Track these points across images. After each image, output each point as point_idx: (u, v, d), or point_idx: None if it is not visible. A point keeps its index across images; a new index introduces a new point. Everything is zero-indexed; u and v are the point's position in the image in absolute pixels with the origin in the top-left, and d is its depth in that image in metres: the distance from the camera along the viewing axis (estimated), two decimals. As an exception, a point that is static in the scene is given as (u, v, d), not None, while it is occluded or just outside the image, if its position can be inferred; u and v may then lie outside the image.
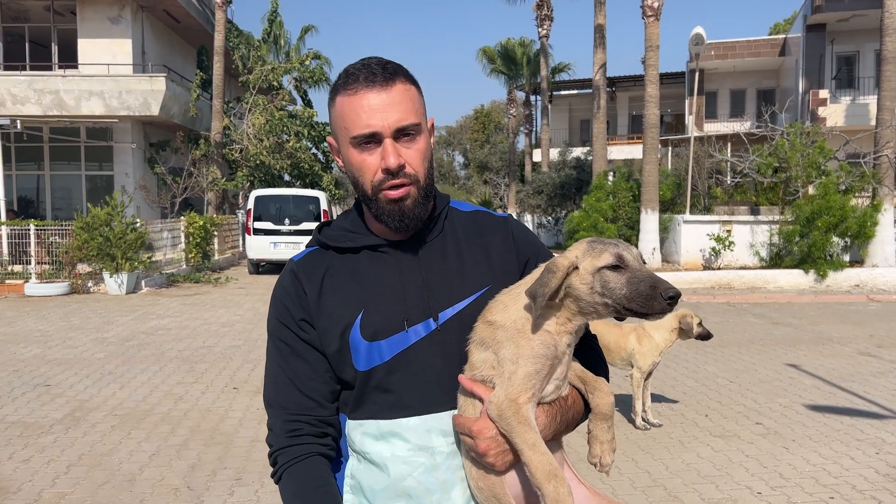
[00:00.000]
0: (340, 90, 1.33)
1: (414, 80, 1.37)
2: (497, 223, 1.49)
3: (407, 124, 1.31)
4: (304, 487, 1.32)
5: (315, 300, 1.37)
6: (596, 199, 15.14)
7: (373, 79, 1.30)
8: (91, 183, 20.28)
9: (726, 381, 6.58)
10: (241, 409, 5.66)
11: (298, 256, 1.45)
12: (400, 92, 1.32)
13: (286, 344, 1.38)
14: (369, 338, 1.33)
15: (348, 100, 1.31)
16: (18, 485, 4.14)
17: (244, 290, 13.54)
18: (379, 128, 1.29)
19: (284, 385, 1.37)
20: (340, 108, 1.32)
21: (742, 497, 3.98)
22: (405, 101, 1.32)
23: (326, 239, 1.42)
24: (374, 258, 1.39)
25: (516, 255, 1.44)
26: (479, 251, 1.43)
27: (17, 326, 9.32)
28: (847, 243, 13.58)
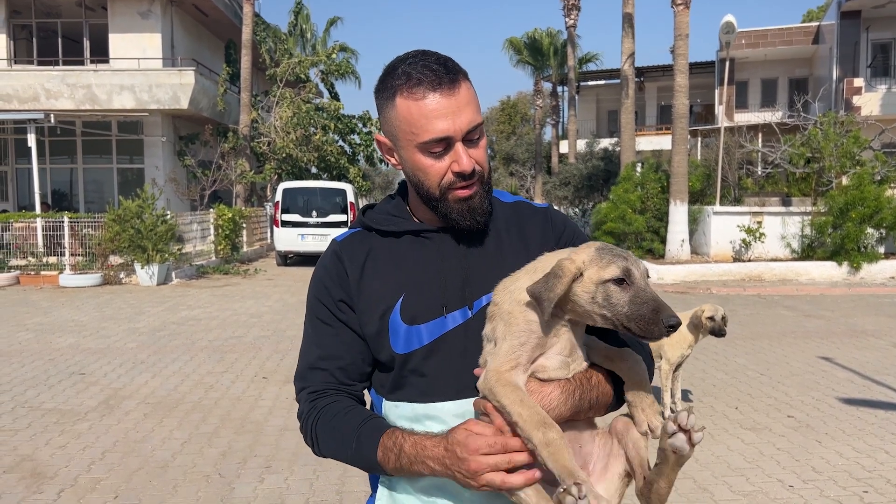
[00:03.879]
0: (402, 92, 1.30)
1: (467, 75, 1.35)
2: (537, 214, 1.50)
3: (476, 125, 1.32)
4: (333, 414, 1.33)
5: (356, 281, 1.38)
6: (624, 191, 15.00)
7: (439, 82, 1.28)
8: (122, 176, 20.62)
9: (757, 373, 6.49)
10: (271, 399, 5.73)
11: (342, 237, 1.46)
12: (465, 92, 1.31)
13: (322, 322, 1.39)
14: (409, 321, 1.34)
15: (416, 105, 1.28)
16: (55, 470, 4.24)
17: (272, 281, 13.68)
18: (451, 132, 1.29)
19: (316, 361, 1.39)
20: (405, 112, 1.29)
21: (773, 490, 3.93)
22: (472, 102, 1.32)
23: (370, 221, 1.43)
24: (416, 243, 1.39)
25: (555, 245, 1.43)
26: (519, 241, 1.44)
27: (52, 316, 9.52)
28: (882, 235, 13.29)
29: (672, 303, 10.56)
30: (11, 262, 13.17)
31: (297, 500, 3.83)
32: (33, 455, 4.48)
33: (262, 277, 14.31)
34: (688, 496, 3.86)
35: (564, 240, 1.46)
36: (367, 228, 1.44)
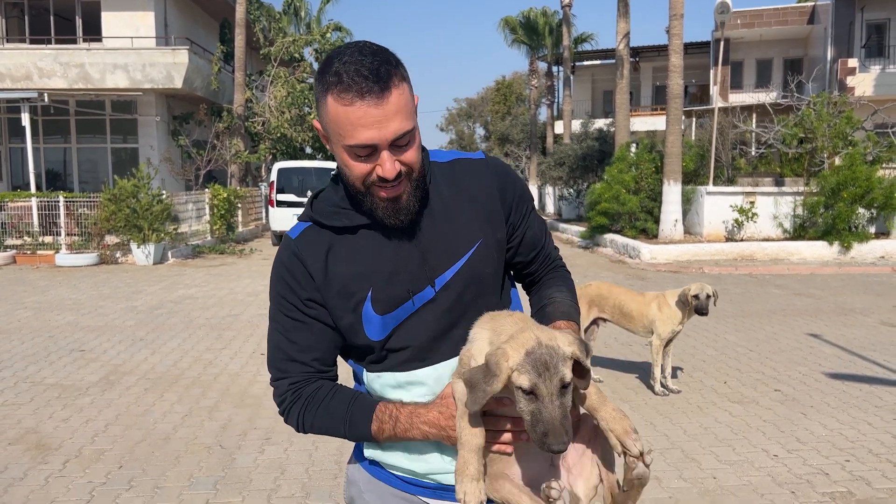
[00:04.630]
0: (332, 92, 1.28)
1: (403, 74, 1.33)
2: (477, 168, 1.50)
3: (404, 132, 1.30)
4: (322, 397, 1.42)
5: (322, 280, 1.41)
6: (618, 171, 15.06)
7: (368, 90, 1.26)
8: (116, 156, 20.55)
9: (746, 349, 6.62)
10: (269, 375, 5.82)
11: (295, 233, 1.46)
12: (396, 99, 1.28)
13: (290, 318, 1.43)
14: (381, 312, 1.40)
15: (342, 109, 1.27)
16: (59, 442, 4.34)
17: (268, 261, 13.74)
18: (377, 140, 1.29)
19: (289, 352, 1.44)
20: (334, 113, 1.29)
21: (758, 459, 4.06)
22: (401, 109, 1.30)
23: (321, 217, 1.43)
24: (370, 234, 1.42)
25: (500, 199, 1.49)
26: (466, 204, 1.46)
27: (50, 295, 9.59)
28: (873, 215, 13.42)
29: (664, 282, 10.69)
30: (7, 242, 13.19)
31: (298, 469, 3.94)
32: (37, 428, 4.58)
33: (257, 257, 14.37)
34: (676, 465, 3.98)
35: (508, 193, 1.50)
36: (318, 224, 1.44)
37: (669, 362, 5.41)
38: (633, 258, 13.25)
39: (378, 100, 1.26)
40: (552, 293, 1.56)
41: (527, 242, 1.56)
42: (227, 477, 3.84)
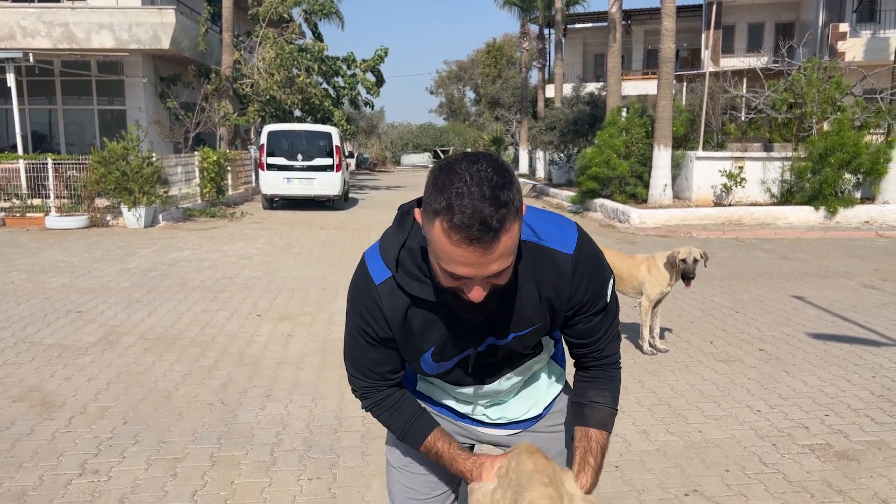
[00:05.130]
0: (442, 221, 1.27)
1: (518, 207, 1.30)
2: (562, 266, 1.50)
3: (501, 269, 1.33)
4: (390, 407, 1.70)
5: (397, 330, 1.56)
6: (609, 136, 15.09)
7: (478, 239, 1.26)
8: (103, 117, 20.30)
9: (732, 311, 6.78)
10: (266, 335, 5.93)
11: (378, 278, 1.52)
12: (503, 245, 1.29)
13: (368, 344, 1.60)
14: (437, 360, 1.62)
15: (447, 243, 1.28)
16: (63, 399, 4.43)
17: (260, 224, 13.76)
18: (473, 276, 1.32)
19: (364, 364, 1.65)
20: (438, 239, 1.29)
21: (741, 414, 4.23)
22: (505, 252, 1.30)
23: (404, 283, 1.50)
24: (446, 311, 1.52)
25: (568, 298, 1.53)
26: (535, 291, 1.51)
27: (42, 257, 9.60)
28: (859, 180, 13.58)
29: (653, 246, 10.83)
30: (-5, 205, 13.12)
31: (298, 424, 4.06)
32: (40, 386, 4.67)
33: (248, 220, 14.38)
34: (663, 420, 4.14)
35: (578, 296, 1.53)
36: (399, 286, 1.51)
37: (658, 323, 5.55)
38: (622, 223, 13.37)
39: (485, 249, 1.27)
40: (595, 397, 1.66)
41: (579, 332, 1.62)
42: (229, 432, 3.96)
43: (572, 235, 1.52)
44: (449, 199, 1.26)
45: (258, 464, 3.58)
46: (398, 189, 24.49)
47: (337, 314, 6.65)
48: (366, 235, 12.15)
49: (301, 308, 6.88)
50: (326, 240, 11.64)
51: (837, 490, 3.31)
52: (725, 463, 3.59)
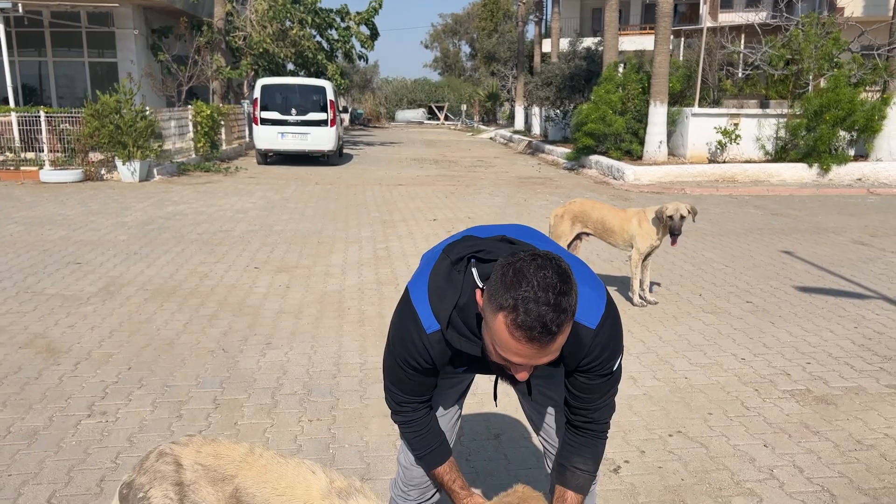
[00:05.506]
0: (506, 318, 1.41)
1: (573, 309, 1.44)
2: (583, 337, 1.65)
3: (551, 360, 1.50)
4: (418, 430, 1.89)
5: (442, 364, 1.75)
6: (605, 91, 15.02)
7: (538, 339, 1.41)
8: (94, 70, 20.05)
9: (722, 265, 6.91)
10: (265, 286, 6.04)
11: (430, 330, 1.68)
12: (558, 343, 1.45)
13: (410, 371, 1.77)
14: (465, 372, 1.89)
15: (508, 336, 1.42)
16: (68, 346, 4.55)
17: (254, 179, 13.76)
18: (523, 364, 1.49)
19: (404, 383, 1.81)
20: (499, 330, 1.43)
21: (726, 362, 4.38)
22: (558, 348, 1.47)
23: (453, 342, 1.66)
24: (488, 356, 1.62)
25: (580, 359, 1.68)
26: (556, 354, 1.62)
27: (38, 210, 9.63)
28: (853, 137, 13.61)
29: (647, 202, 10.92)
30: (-11, 158, 13.06)
31: (298, 370, 4.19)
32: (45, 333, 4.77)
33: (243, 175, 14.37)
34: (650, 367, 4.29)
35: (587, 360, 1.68)
36: (447, 341, 1.66)
37: (648, 276, 5.67)
38: (617, 179, 13.43)
39: (542, 347, 1.43)
40: (578, 463, 1.83)
41: (578, 386, 1.76)
42: (231, 377, 4.09)
43: (600, 309, 1.67)
44: (516, 300, 1.40)
45: (260, 406, 3.71)
46: (393, 145, 24.39)
47: (333, 267, 6.75)
48: (360, 192, 12.19)
49: (298, 261, 6.97)
50: (322, 195, 11.67)
51: (814, 431, 3.47)
52: (709, 406, 3.75)
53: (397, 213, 9.80)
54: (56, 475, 3.02)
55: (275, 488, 1.72)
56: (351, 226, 8.91)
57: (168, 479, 1.79)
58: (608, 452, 3.23)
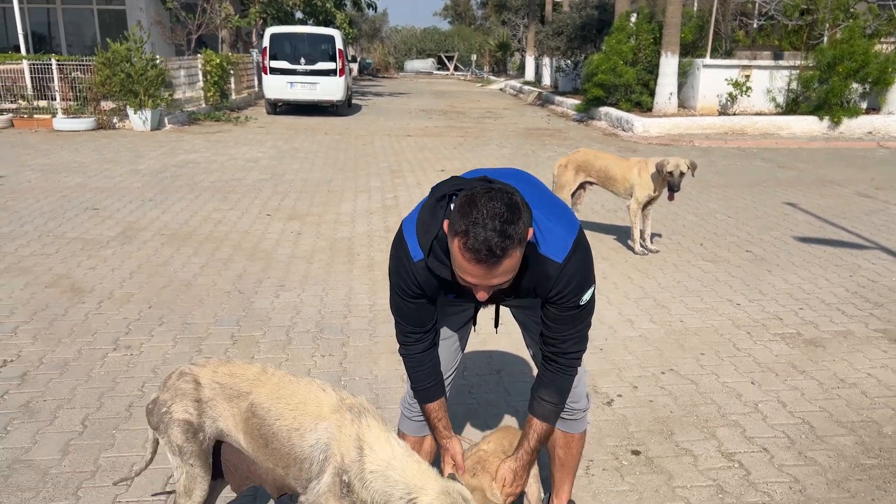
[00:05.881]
0: (458, 241, 1.60)
1: (521, 237, 1.61)
2: (551, 271, 1.82)
3: (502, 282, 1.67)
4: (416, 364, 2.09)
5: (430, 291, 1.92)
6: (616, 42, 14.87)
7: (485, 260, 1.59)
8: (102, 18, 19.97)
9: (725, 216, 7.02)
10: (277, 232, 6.22)
11: (415, 256, 1.86)
12: (505, 265, 1.62)
13: (405, 299, 1.96)
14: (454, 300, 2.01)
15: (461, 258, 1.62)
16: (91, 286, 4.76)
17: (264, 129, 13.84)
18: (477, 284, 1.67)
19: (408, 317, 2.01)
20: (454, 251, 1.64)
21: (721, 307, 4.54)
22: (507, 270, 1.64)
23: (433, 266, 1.84)
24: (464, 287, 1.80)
25: (547, 291, 1.86)
26: (530, 283, 1.86)
27: (53, 158, 9.79)
28: (866, 90, 13.50)
29: (654, 155, 10.96)
30: (2, 106, 13.17)
31: (311, 310, 4.40)
32: (68, 274, 4.99)
33: (253, 125, 14.44)
34: (648, 311, 4.46)
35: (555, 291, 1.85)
36: (429, 269, 1.85)
37: (649, 226, 5.81)
38: (626, 131, 13.42)
39: (489, 267, 1.62)
40: (544, 395, 2.02)
41: (550, 316, 1.93)
42: (247, 316, 4.29)
43: (567, 246, 1.83)
44: (467, 226, 1.59)
45: (275, 342, 3.92)
46: (402, 96, 24.27)
47: (343, 215, 6.91)
48: (370, 142, 12.27)
49: (308, 209, 7.14)
50: (331, 145, 11.77)
51: (800, 370, 3.66)
52: (701, 347, 3.93)
53: (405, 164, 9.91)
54: (88, 401, 3.25)
55: (288, 403, 1.91)
56: (360, 175, 9.03)
57: (188, 395, 1.98)
58: (602, 387, 3.43)
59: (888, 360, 3.79)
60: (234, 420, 1.97)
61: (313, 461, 1.82)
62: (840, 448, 2.94)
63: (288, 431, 1.87)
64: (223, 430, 1.99)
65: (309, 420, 1.85)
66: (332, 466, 1.77)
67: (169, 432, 1.98)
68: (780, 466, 2.80)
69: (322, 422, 1.84)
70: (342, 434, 1.79)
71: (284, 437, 1.87)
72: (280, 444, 1.88)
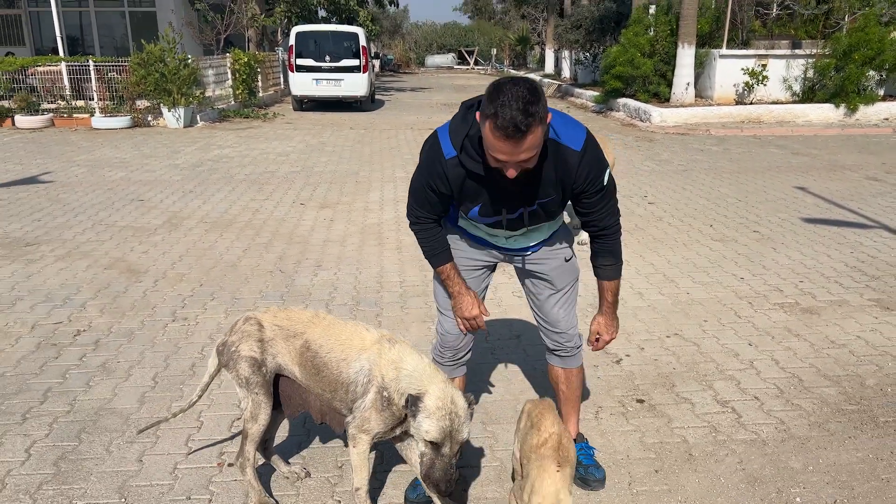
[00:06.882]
0: (490, 122, 1.91)
1: (542, 115, 1.90)
2: (571, 158, 2.14)
3: (528, 158, 1.97)
4: (427, 236, 2.41)
5: (457, 190, 2.23)
6: (634, 34, 15.12)
7: (512, 135, 1.88)
8: (133, 19, 20.60)
9: (736, 200, 7.33)
10: (311, 219, 6.65)
11: (447, 154, 2.18)
12: (529, 141, 1.91)
13: (430, 192, 2.27)
14: (482, 215, 2.30)
15: (492, 137, 1.93)
16: (146, 267, 5.22)
17: (292, 125, 14.31)
18: (507, 160, 1.98)
19: (424, 201, 2.32)
20: (486, 133, 1.95)
21: (726, 280, 4.89)
22: (532, 146, 1.94)
23: (465, 161, 2.15)
24: (492, 176, 2.15)
25: (573, 179, 2.19)
26: (553, 173, 2.17)
27: (96, 154, 10.33)
28: (882, 77, 13.62)
29: (672, 143, 11.25)
30: (43, 106, 13.79)
31: (347, 287, 4.82)
32: (123, 258, 5.46)
33: (281, 121, 14.92)
34: (657, 285, 4.82)
35: (580, 180, 2.17)
36: (461, 163, 2.16)
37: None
38: (643, 121, 13.69)
39: (517, 142, 1.92)
40: (601, 262, 2.40)
41: (584, 205, 2.30)
42: (290, 292, 4.72)
43: (582, 138, 2.16)
44: (495, 108, 1.89)
45: (316, 314, 4.34)
46: (423, 91, 24.66)
47: (372, 203, 7.33)
48: (393, 136, 12.68)
49: (339, 198, 7.56)
50: (357, 139, 12.20)
51: (795, 334, 4.00)
52: (705, 315, 4.29)
53: (429, 155, 10.28)
54: (155, 362, 3.69)
55: (337, 339, 2.32)
56: (386, 167, 9.45)
57: (253, 336, 2.40)
58: (612, 348, 3.81)
59: (878, 325, 4.11)
60: (290, 355, 2.38)
61: (358, 384, 2.23)
62: (824, 397, 3.29)
63: (337, 362, 2.28)
64: (281, 365, 2.40)
65: (354, 352, 2.26)
66: (375, 386, 2.18)
67: (237, 367, 2.39)
68: (768, 411, 3.16)
69: (364, 352, 2.24)
70: (382, 360, 2.20)
71: (334, 366, 2.28)
72: (329, 372, 2.29)
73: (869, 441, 2.91)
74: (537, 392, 3.30)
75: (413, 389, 2.11)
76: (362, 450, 2.23)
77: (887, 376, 3.48)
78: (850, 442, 2.91)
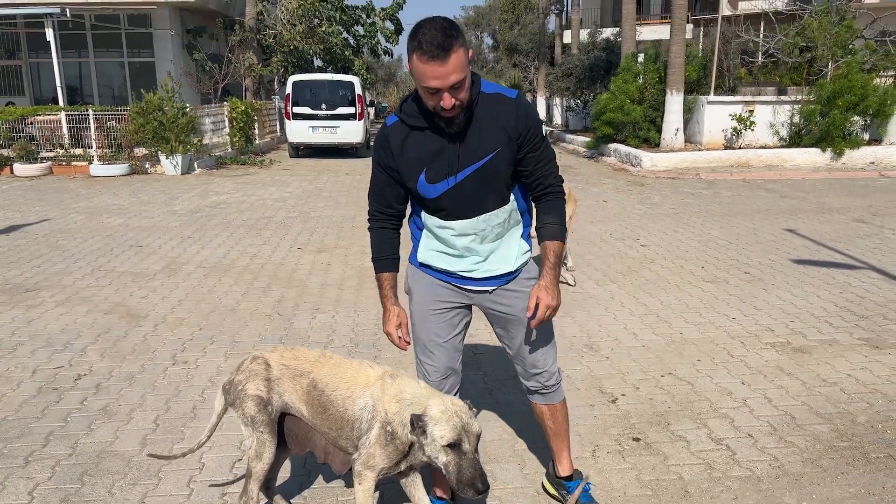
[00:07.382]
0: (414, 53, 2.05)
1: (462, 41, 2.05)
2: (508, 104, 2.27)
3: (458, 81, 2.09)
4: (379, 239, 2.54)
5: (398, 156, 2.34)
6: (623, 81, 15.51)
7: (436, 56, 2.02)
8: (132, 69, 21.00)
9: (726, 242, 7.46)
10: (309, 263, 6.73)
11: (389, 123, 2.35)
12: (454, 61, 2.04)
13: (379, 172, 2.41)
14: (430, 181, 2.33)
15: (420, 65, 2.06)
16: (146, 312, 5.28)
17: (288, 171, 14.51)
18: (440, 86, 2.08)
19: (377, 192, 2.47)
20: (415, 67, 2.08)
21: (717, 320, 4.97)
22: (458, 67, 2.06)
23: (405, 117, 2.30)
24: (430, 134, 2.29)
25: (515, 127, 2.29)
26: (494, 124, 2.26)
27: (94, 201, 10.44)
28: (867, 122, 13.96)
29: (662, 187, 11.44)
30: (42, 154, 13.96)
31: (345, 330, 4.87)
32: (123, 303, 5.51)
33: (277, 168, 15.13)
34: (650, 325, 4.89)
35: (521, 125, 2.28)
36: (402, 120, 2.30)
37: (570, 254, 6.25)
38: (634, 166, 13.94)
39: (442, 62, 2.05)
40: (545, 220, 2.42)
41: (527, 162, 2.38)
42: (288, 335, 4.78)
43: (514, 91, 2.32)
44: (418, 39, 2.05)
45: (315, 356, 4.39)
46: (418, 137, 25.00)
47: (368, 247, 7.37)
48: (389, 180, 12.83)
49: (336, 242, 7.66)
50: (352, 184, 12.37)
51: (787, 373, 4.07)
52: (698, 355, 4.35)
53: (424, 200, 10.43)
54: (157, 404, 3.72)
55: (343, 377, 2.38)
56: (382, 212, 9.56)
57: (260, 375, 2.46)
58: (607, 388, 3.86)
59: (868, 363, 4.19)
60: (297, 394, 2.44)
61: (363, 420, 2.28)
62: (817, 434, 3.34)
63: (342, 399, 2.34)
64: (288, 403, 2.46)
65: (358, 389, 2.33)
66: (379, 421, 2.24)
67: (243, 406, 2.45)
68: (762, 448, 3.21)
69: (368, 389, 2.31)
70: (384, 395, 2.26)
71: (339, 403, 2.34)
72: (335, 410, 2.35)
73: (861, 477, 2.96)
74: (535, 430, 3.34)
75: (415, 412, 2.17)
76: (367, 486, 2.27)
77: (878, 413, 3.54)
78: (843, 478, 2.96)
